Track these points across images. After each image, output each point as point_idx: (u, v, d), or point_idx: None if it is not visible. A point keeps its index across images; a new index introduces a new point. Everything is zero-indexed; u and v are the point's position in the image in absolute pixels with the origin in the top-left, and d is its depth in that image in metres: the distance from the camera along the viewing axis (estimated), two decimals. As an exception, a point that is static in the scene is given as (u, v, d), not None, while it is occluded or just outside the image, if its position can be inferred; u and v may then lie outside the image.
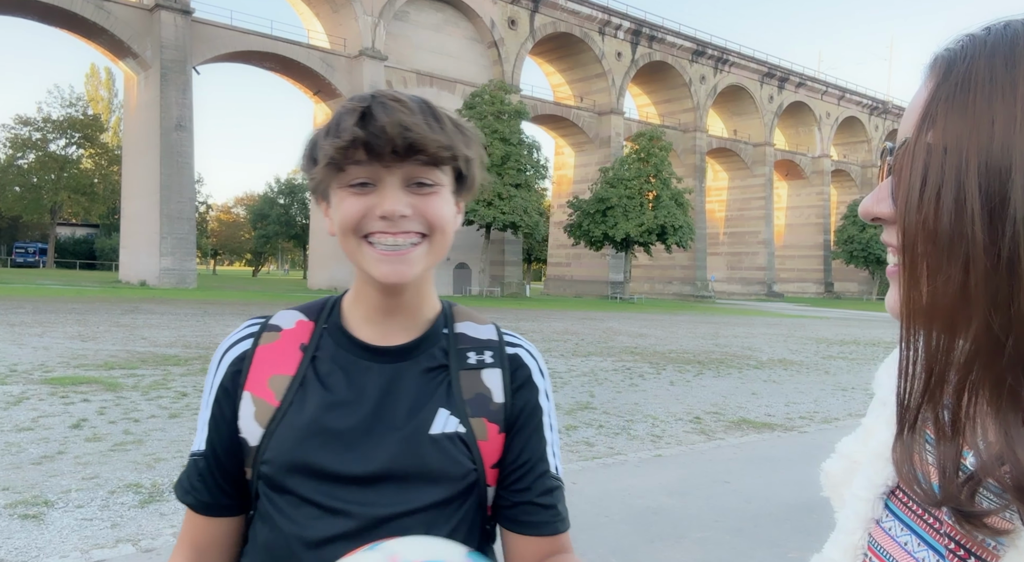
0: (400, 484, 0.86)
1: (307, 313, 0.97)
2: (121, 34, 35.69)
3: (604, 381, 10.52)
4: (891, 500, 0.61)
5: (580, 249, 53.40)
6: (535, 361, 0.97)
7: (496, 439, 0.91)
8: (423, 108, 0.86)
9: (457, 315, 0.99)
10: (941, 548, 0.54)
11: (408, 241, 0.86)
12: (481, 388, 0.92)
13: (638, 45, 56.31)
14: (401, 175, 0.84)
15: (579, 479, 5.27)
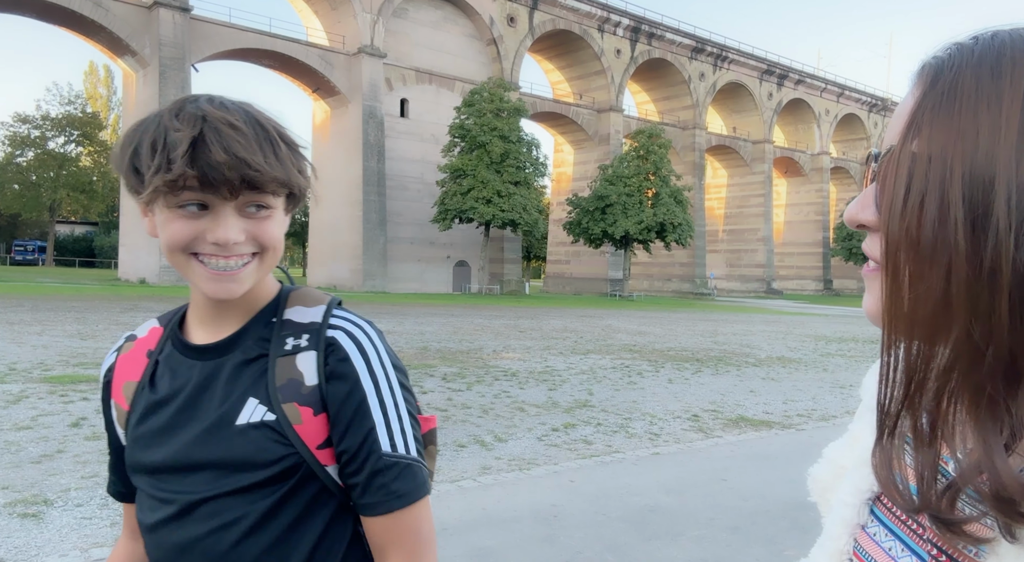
0: (213, 471, 0.90)
1: (161, 320, 1.03)
2: (119, 31, 35.64)
3: (603, 379, 10.54)
4: (876, 506, 0.62)
5: (579, 247, 53.42)
6: (355, 342, 0.94)
7: (314, 421, 0.90)
8: (257, 132, 0.85)
9: (290, 301, 0.98)
10: (924, 554, 0.55)
11: (240, 262, 0.87)
12: (294, 373, 0.92)
13: (637, 42, 56.24)
14: (236, 203, 0.85)
15: (577, 477, 5.29)
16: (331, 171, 44.99)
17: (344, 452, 0.91)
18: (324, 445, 0.91)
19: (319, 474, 0.91)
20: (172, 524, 0.91)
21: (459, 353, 13.01)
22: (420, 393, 8.59)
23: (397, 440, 0.93)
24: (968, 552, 0.50)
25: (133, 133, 0.86)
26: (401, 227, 44.87)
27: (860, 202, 0.53)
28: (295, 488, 0.90)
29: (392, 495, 0.90)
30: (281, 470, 0.89)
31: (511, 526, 4.16)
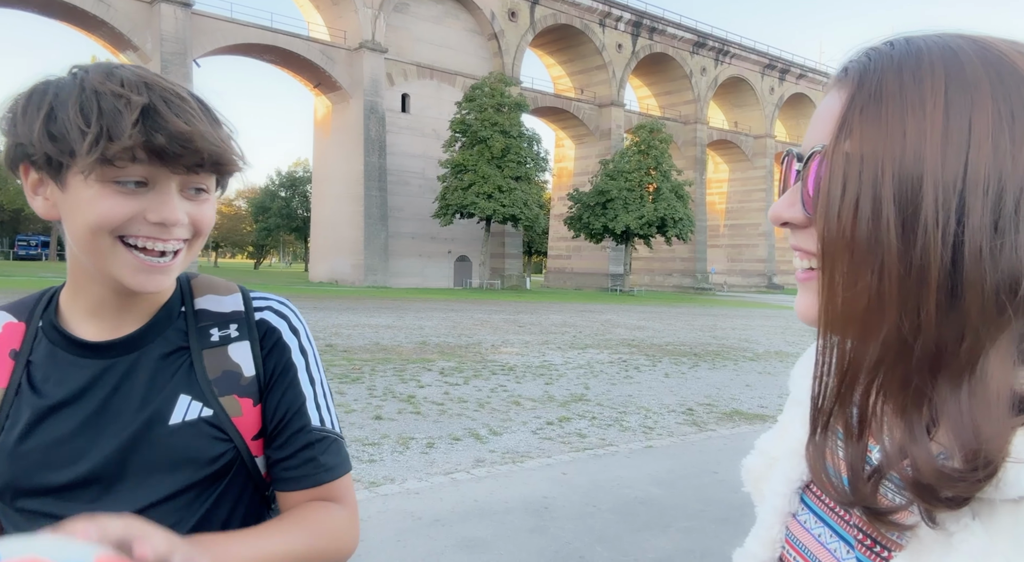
0: (141, 479, 0.81)
1: (16, 313, 0.88)
2: (121, 27, 35.65)
3: (600, 374, 10.60)
4: (806, 494, 0.64)
5: (580, 242, 53.43)
6: (284, 320, 0.93)
7: (252, 412, 0.87)
8: (202, 107, 0.79)
9: (196, 289, 0.92)
10: (851, 539, 0.57)
11: (175, 248, 0.80)
12: (229, 365, 0.87)
13: (639, 37, 56.09)
14: (181, 180, 0.78)
15: (569, 470, 5.35)
16: (333, 166, 45.04)
17: (275, 428, 0.88)
18: (257, 436, 0.88)
19: (249, 466, 0.88)
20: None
21: (458, 348, 13.07)
22: (417, 387, 8.67)
23: (324, 414, 0.92)
24: (891, 536, 0.53)
25: (41, 96, 0.74)
26: (402, 222, 44.92)
27: (786, 200, 0.54)
28: (228, 485, 0.86)
29: (321, 468, 0.89)
30: (220, 467, 0.85)
31: (502, 518, 4.22)
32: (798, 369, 0.75)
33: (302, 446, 0.88)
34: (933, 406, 0.47)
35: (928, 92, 0.47)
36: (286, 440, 0.88)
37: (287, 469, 0.88)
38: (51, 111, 0.73)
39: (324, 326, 15.99)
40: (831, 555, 0.59)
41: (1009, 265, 0.44)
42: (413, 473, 5.12)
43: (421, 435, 6.28)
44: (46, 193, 0.78)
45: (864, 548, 0.55)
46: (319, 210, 47.24)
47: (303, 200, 71.07)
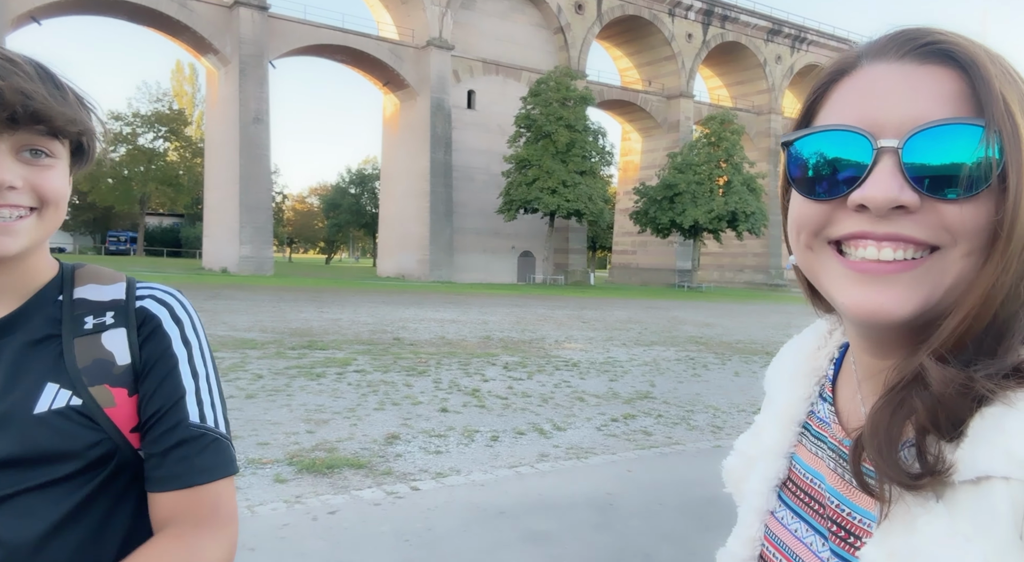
0: (10, 468, 0.77)
1: None
2: (203, 31, 37.40)
3: (666, 371, 10.41)
4: (783, 491, 0.66)
5: (646, 236, 52.58)
6: (166, 307, 0.89)
7: (128, 402, 0.83)
8: (42, 73, 0.78)
9: (79, 279, 0.89)
10: (824, 530, 0.59)
11: (14, 214, 0.76)
12: (101, 353, 0.83)
13: (710, 26, 54.59)
14: (13, 143, 0.75)
15: (635, 467, 5.28)
16: (400, 163, 45.93)
17: (147, 421, 0.83)
18: (136, 428, 0.84)
19: (132, 460, 0.83)
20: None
21: (521, 343, 13.10)
22: (482, 381, 8.74)
23: (207, 411, 0.86)
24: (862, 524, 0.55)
25: None
26: (467, 218, 45.37)
27: (888, 183, 0.51)
28: (107, 479, 0.82)
29: (194, 469, 0.83)
30: (93, 459, 0.80)
31: (567, 512, 4.20)
32: (773, 370, 0.76)
33: (176, 443, 0.83)
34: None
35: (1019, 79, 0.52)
36: (159, 435, 0.83)
37: (157, 467, 0.83)
38: None
39: (391, 320, 16.34)
40: (807, 549, 0.60)
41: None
42: (478, 465, 5.16)
43: (486, 428, 6.32)
44: None
45: (838, 539, 0.57)
46: (387, 206, 48.28)
47: (372, 197, 72.83)
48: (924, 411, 0.49)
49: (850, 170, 0.52)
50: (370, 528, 3.82)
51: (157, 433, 0.83)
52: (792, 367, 0.73)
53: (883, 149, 0.51)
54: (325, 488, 4.47)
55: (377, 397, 7.42)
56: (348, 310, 18.41)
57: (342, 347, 11.16)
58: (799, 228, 0.58)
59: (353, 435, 5.84)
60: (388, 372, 9.00)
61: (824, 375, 0.70)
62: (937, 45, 0.52)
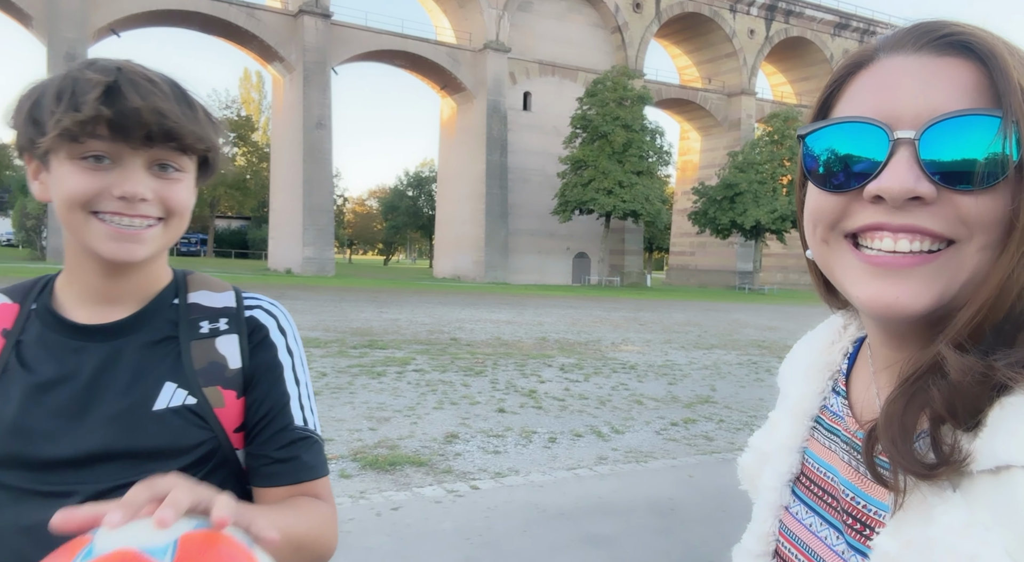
0: (123, 461, 0.82)
1: (11, 295, 0.91)
2: (269, 39, 38.76)
3: (727, 375, 10.18)
4: (797, 486, 0.66)
5: (705, 237, 51.52)
6: (274, 319, 0.96)
7: (235, 404, 0.89)
8: (176, 92, 0.83)
9: (191, 285, 0.95)
10: (839, 524, 0.59)
11: (144, 223, 0.82)
12: (215, 356, 0.89)
13: (773, 21, 53.08)
14: (147, 157, 0.81)
15: (696, 472, 5.18)
16: (456, 165, 46.44)
17: (258, 423, 0.90)
18: (239, 429, 0.90)
19: (230, 458, 0.89)
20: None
21: (577, 344, 13.04)
22: (538, 382, 8.74)
23: (308, 415, 0.93)
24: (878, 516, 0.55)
25: (34, 89, 0.82)
26: (522, 219, 45.47)
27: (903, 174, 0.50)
28: (208, 475, 0.87)
29: (302, 467, 0.90)
30: (199, 456, 0.86)
31: (627, 516, 4.16)
32: (786, 365, 0.78)
33: (285, 443, 0.90)
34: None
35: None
36: (269, 437, 0.90)
37: (268, 465, 0.89)
38: (37, 99, 0.80)
39: (448, 320, 16.53)
40: (822, 542, 0.60)
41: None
42: (536, 466, 5.17)
43: (543, 429, 6.32)
44: (41, 178, 0.84)
45: (853, 531, 0.57)
46: (443, 208, 48.87)
47: (429, 199, 73.85)
48: (941, 400, 0.48)
49: (866, 161, 0.52)
50: (432, 525, 3.87)
51: (267, 435, 0.90)
52: (806, 362, 0.73)
53: (900, 140, 0.51)
54: (388, 485, 4.56)
55: (436, 396, 7.52)
56: (406, 310, 18.73)
57: (401, 347, 11.36)
58: (815, 221, 0.57)
59: (414, 433, 5.94)
60: (446, 372, 9.11)
61: (837, 370, 0.70)
62: (954, 37, 0.52)
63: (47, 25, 33.32)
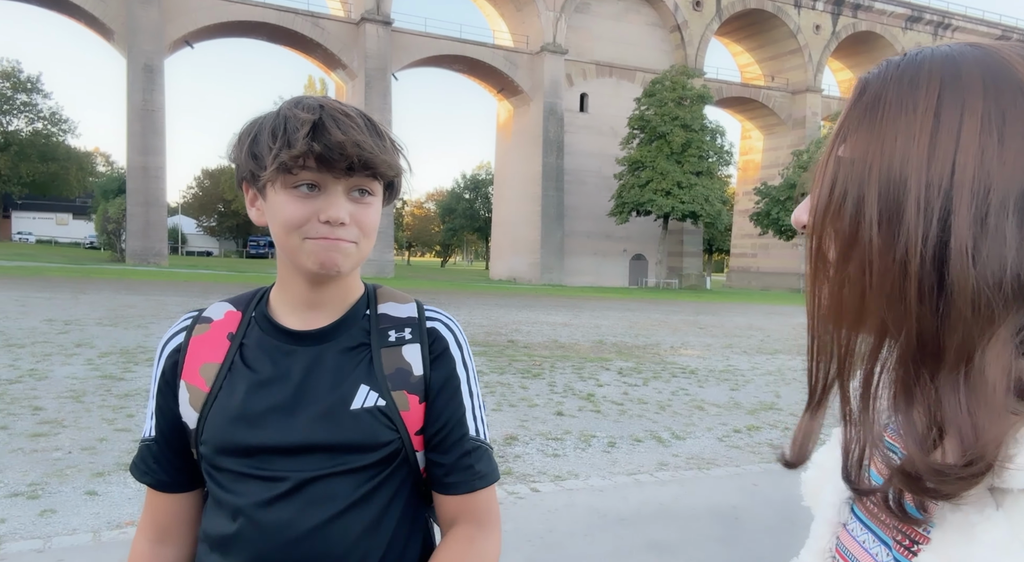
0: (325, 453, 0.93)
1: (236, 304, 1.04)
2: (332, 47, 39.89)
3: (792, 381, 9.89)
4: (855, 503, 0.66)
5: (768, 239, 50.10)
6: (452, 333, 1.04)
7: (417, 409, 0.97)
8: (368, 125, 0.92)
9: (380, 297, 1.05)
10: (889, 540, 0.59)
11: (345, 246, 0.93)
12: (402, 363, 0.98)
13: (840, 15, 51.24)
14: (346, 184, 0.91)
15: (761, 481, 5.06)
16: (513, 168, 46.62)
17: (438, 433, 0.97)
18: (419, 432, 0.98)
19: (411, 459, 0.98)
20: (282, 502, 0.91)
21: (635, 348, 12.91)
22: (596, 386, 8.71)
23: (480, 426, 1.01)
24: (924, 532, 0.55)
25: (251, 126, 0.94)
26: (578, 221, 45.28)
27: (804, 205, 0.58)
28: (392, 472, 0.96)
29: (476, 475, 0.98)
30: (387, 454, 0.95)
31: (689, 523, 4.11)
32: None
33: (462, 454, 0.97)
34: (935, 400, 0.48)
35: (922, 96, 0.49)
36: (448, 447, 0.97)
37: (447, 474, 0.98)
38: (255, 137, 0.92)
39: (505, 322, 16.62)
40: (872, 558, 0.60)
41: (996, 262, 0.45)
42: (596, 471, 5.16)
43: (602, 433, 6.29)
44: (258, 205, 0.96)
45: (901, 547, 0.57)
46: (499, 211, 49.15)
47: (485, 201, 74.41)
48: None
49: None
50: (493, 526, 3.92)
51: (446, 445, 0.98)
52: None
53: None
54: (449, 484, 4.63)
55: (494, 398, 7.58)
56: (464, 311, 18.93)
57: (459, 348, 11.49)
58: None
59: (473, 434, 6.01)
60: (504, 374, 9.17)
61: None
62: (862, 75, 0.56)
63: (127, 38, 35.26)
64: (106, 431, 5.49)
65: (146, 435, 1.03)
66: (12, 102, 51.68)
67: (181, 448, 1.00)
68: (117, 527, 3.71)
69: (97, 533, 3.60)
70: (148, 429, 1.02)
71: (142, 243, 36.16)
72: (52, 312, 13.38)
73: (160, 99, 36.17)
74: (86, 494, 4.13)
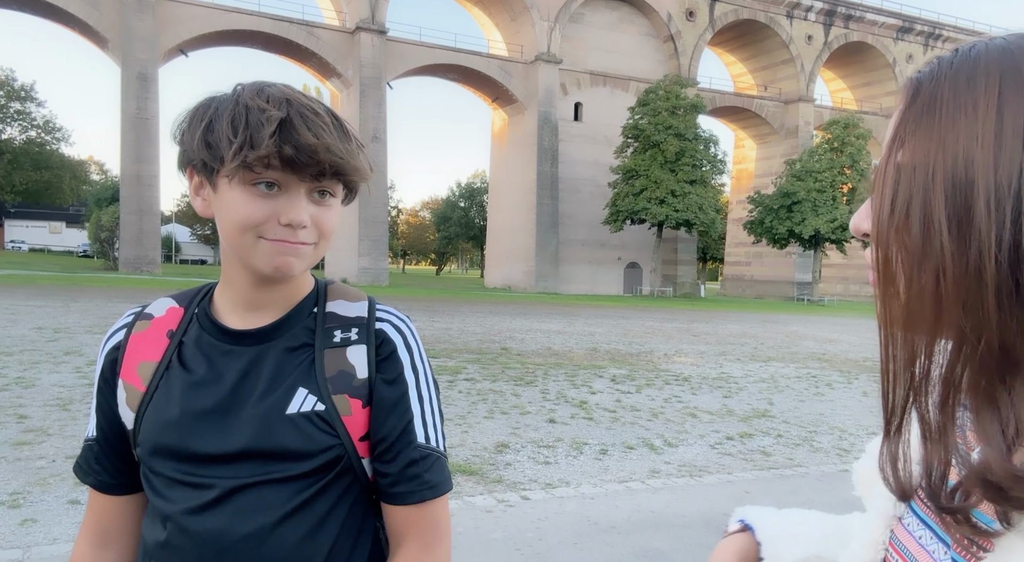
0: (258, 460, 0.88)
1: (179, 301, 0.99)
2: (327, 56, 39.97)
3: (785, 389, 9.87)
4: (913, 498, 0.64)
5: (761, 247, 50.33)
6: (401, 335, 0.97)
7: (361, 413, 0.91)
8: (335, 124, 0.87)
9: (331, 294, 0.99)
10: (948, 538, 0.58)
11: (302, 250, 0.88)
12: (345, 365, 0.92)
13: (831, 26, 51.70)
14: (309, 186, 0.86)
15: (752, 488, 5.03)
16: (507, 176, 46.71)
17: (382, 441, 0.92)
18: (364, 438, 0.92)
19: (355, 466, 0.92)
20: (210, 510, 0.87)
21: (629, 355, 12.88)
22: (589, 393, 8.68)
23: (431, 432, 0.95)
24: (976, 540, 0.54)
25: (203, 109, 0.86)
26: (573, 229, 45.36)
27: (862, 212, 0.56)
28: (333, 479, 0.91)
29: (424, 485, 0.92)
30: (325, 461, 0.89)
31: (680, 531, 4.07)
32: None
33: (408, 462, 0.92)
34: (1015, 408, 0.47)
35: (981, 95, 0.47)
36: (394, 456, 0.92)
37: (393, 484, 0.92)
38: (210, 123, 0.84)
39: (499, 330, 16.58)
40: (929, 556, 0.59)
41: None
42: (588, 478, 5.12)
43: (594, 441, 6.26)
44: (204, 194, 0.89)
45: (960, 548, 0.56)
46: (494, 219, 49.19)
47: (480, 210, 74.52)
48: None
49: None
50: (483, 534, 3.87)
51: (391, 455, 0.92)
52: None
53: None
54: (438, 492, 4.59)
55: (487, 405, 7.54)
56: (457, 319, 18.88)
57: (452, 355, 11.45)
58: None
59: (464, 442, 5.97)
60: (496, 381, 9.13)
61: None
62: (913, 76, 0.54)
63: (121, 47, 35.27)
64: (92, 439, 5.42)
65: (89, 435, 0.99)
66: (6, 110, 51.61)
67: (123, 449, 0.96)
68: (99, 536, 3.65)
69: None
70: (91, 428, 0.98)
71: (135, 251, 36.02)
72: (42, 320, 13.28)
73: (154, 107, 36.13)
74: (69, 503, 4.07)
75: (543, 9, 43.28)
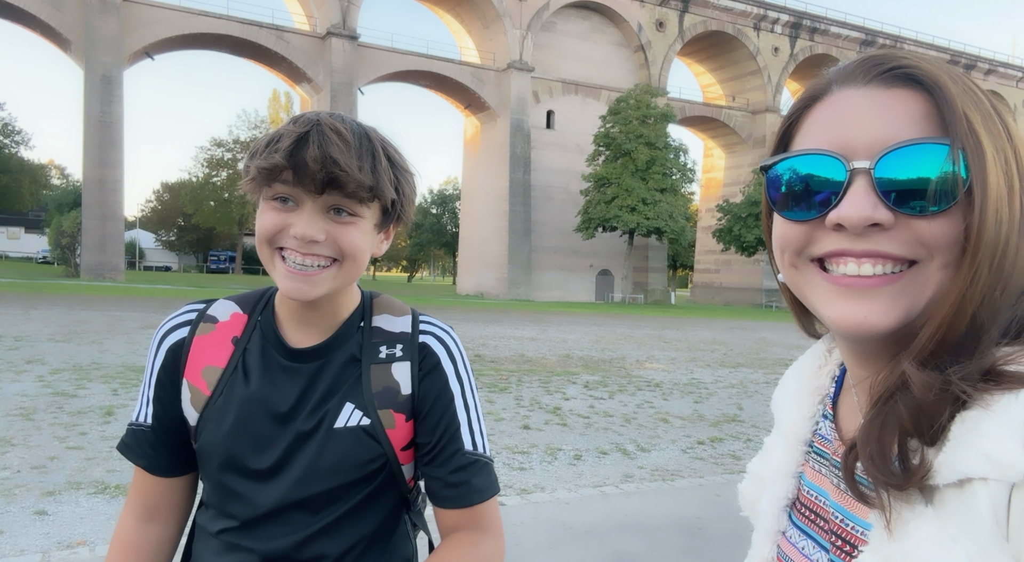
0: (307, 472, 0.93)
1: (242, 305, 1.02)
2: (298, 61, 39.62)
3: (754, 394, 10.05)
4: (792, 511, 0.67)
5: (730, 255, 51.09)
6: (444, 347, 1.01)
7: (404, 426, 0.97)
8: (362, 143, 0.89)
9: (376, 308, 1.03)
10: (827, 544, 0.60)
11: (316, 263, 0.89)
12: (390, 381, 0.96)
13: (797, 38, 52.95)
14: (323, 201, 0.88)
15: (724, 492, 5.12)
16: (480, 183, 46.75)
17: (430, 449, 0.97)
18: (407, 447, 0.98)
19: (396, 472, 0.98)
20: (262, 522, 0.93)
21: (601, 362, 12.99)
22: (563, 399, 8.73)
23: (477, 439, 0.99)
24: (856, 533, 0.57)
25: (260, 140, 0.93)
26: (545, 236, 45.55)
27: (861, 202, 0.53)
28: (378, 487, 0.97)
29: (472, 490, 0.96)
30: (372, 470, 0.95)
31: (653, 534, 4.13)
32: (779, 391, 0.78)
33: (456, 468, 0.96)
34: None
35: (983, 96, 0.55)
36: (442, 462, 0.97)
37: (443, 488, 0.97)
38: (256, 148, 0.91)
39: (472, 337, 16.57)
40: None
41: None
42: (562, 483, 5.16)
43: (568, 446, 6.30)
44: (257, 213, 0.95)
45: (837, 550, 0.58)
46: (467, 226, 49.16)
47: (452, 216, 74.40)
48: (908, 416, 0.50)
49: (826, 191, 0.55)
50: (458, 540, 3.88)
51: (440, 461, 0.97)
52: (796, 388, 0.74)
53: (856, 170, 0.53)
54: (414, 499, 4.58)
55: (461, 412, 7.53)
56: (430, 327, 18.79)
57: (426, 363, 11.40)
58: (783, 248, 0.59)
59: (439, 449, 5.96)
60: (470, 388, 9.12)
61: (826, 394, 0.71)
62: (901, 69, 0.54)
63: (85, 49, 34.48)
64: (57, 449, 5.29)
65: (140, 420, 1.00)
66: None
67: (180, 438, 1.00)
68: (68, 547, 3.57)
69: (46, 553, 3.46)
70: (144, 415, 1.00)
71: (98, 258, 35.13)
72: (1, 328, 12.89)
73: (118, 111, 35.38)
74: (35, 514, 3.98)
75: (515, 17, 43.53)
